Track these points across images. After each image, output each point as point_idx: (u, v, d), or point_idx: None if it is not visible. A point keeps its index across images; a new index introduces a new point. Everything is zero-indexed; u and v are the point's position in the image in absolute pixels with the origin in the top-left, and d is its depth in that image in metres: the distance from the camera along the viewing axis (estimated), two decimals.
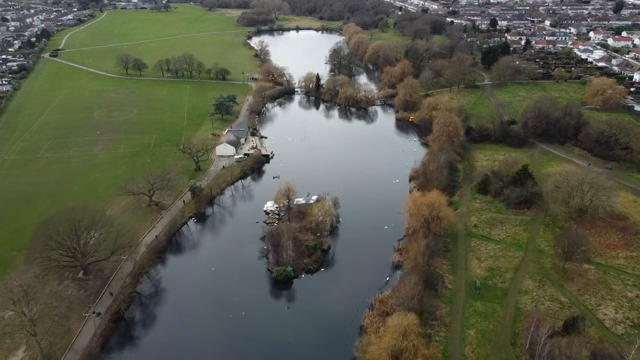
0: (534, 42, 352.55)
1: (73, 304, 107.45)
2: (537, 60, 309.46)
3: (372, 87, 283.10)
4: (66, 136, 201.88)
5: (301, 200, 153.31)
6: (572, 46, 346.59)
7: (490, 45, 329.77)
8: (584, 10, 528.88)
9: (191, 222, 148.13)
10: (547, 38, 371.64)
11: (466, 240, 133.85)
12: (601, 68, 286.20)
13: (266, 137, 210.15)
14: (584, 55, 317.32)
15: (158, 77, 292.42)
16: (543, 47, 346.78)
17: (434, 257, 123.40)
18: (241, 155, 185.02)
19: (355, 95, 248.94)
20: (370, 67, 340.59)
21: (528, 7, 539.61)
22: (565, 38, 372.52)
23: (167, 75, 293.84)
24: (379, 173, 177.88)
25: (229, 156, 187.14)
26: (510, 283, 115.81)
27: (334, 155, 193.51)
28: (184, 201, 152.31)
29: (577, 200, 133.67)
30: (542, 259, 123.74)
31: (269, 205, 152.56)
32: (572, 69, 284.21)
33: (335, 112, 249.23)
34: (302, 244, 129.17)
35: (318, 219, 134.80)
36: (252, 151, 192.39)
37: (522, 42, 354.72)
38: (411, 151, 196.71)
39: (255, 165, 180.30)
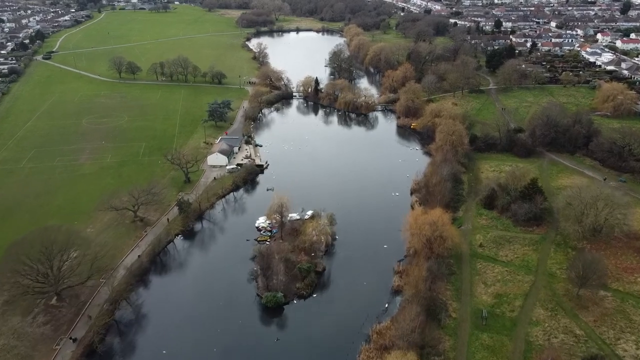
0: (539, 44, 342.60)
1: (43, 336, 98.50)
2: (544, 63, 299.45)
3: (373, 91, 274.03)
4: (52, 144, 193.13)
5: (295, 216, 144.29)
6: (579, 49, 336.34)
7: (495, 48, 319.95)
8: (590, 11, 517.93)
9: (178, 240, 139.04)
10: (553, 40, 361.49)
11: (471, 262, 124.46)
12: (610, 72, 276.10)
13: (261, 146, 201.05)
14: (592, 59, 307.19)
15: (152, 80, 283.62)
16: (549, 50, 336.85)
17: (436, 282, 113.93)
18: (234, 166, 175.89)
19: (355, 100, 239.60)
20: (372, 70, 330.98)
21: (533, 8, 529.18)
22: (572, 40, 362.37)
23: (162, 79, 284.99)
24: (379, 185, 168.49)
25: (221, 166, 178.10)
26: (519, 312, 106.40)
27: (332, 164, 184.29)
28: (167, 219, 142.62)
29: (590, 219, 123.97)
30: (554, 284, 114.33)
31: (261, 222, 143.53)
32: (580, 72, 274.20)
33: (334, 118, 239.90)
34: (295, 266, 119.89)
35: (312, 239, 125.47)
36: (245, 161, 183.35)
37: (528, 45, 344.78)
38: (413, 161, 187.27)
39: (248, 177, 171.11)
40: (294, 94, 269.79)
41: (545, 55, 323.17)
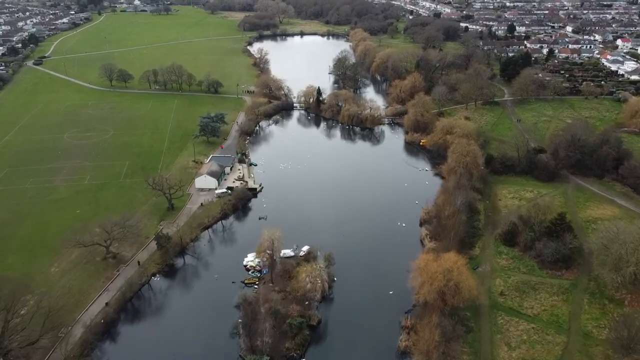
0: (556, 51, 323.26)
1: None
2: (562, 72, 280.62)
3: (379, 101, 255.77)
4: (27, 163, 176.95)
5: (289, 252, 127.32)
6: (599, 56, 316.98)
7: (510, 55, 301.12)
8: (607, 15, 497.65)
9: (154, 280, 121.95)
10: (570, 46, 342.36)
11: (491, 315, 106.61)
12: (635, 82, 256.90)
13: (256, 165, 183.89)
14: (613, 67, 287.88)
15: (144, 89, 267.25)
16: (567, 57, 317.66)
17: (450, 343, 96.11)
18: (223, 190, 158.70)
19: (360, 113, 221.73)
20: (378, 78, 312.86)
21: (547, 12, 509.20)
22: (590, 46, 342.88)
23: (155, 88, 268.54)
24: (384, 213, 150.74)
25: (209, 189, 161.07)
26: None
27: (333, 187, 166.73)
28: (138, 262, 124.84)
29: (632, 268, 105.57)
30: (591, 348, 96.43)
31: (250, 259, 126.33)
32: (602, 82, 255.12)
33: (336, 133, 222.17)
34: (285, 321, 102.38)
35: (306, 287, 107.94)
36: (237, 183, 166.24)
37: (544, 51, 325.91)
38: (421, 184, 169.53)
39: (239, 203, 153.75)
40: (295, 104, 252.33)
41: (563, 62, 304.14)
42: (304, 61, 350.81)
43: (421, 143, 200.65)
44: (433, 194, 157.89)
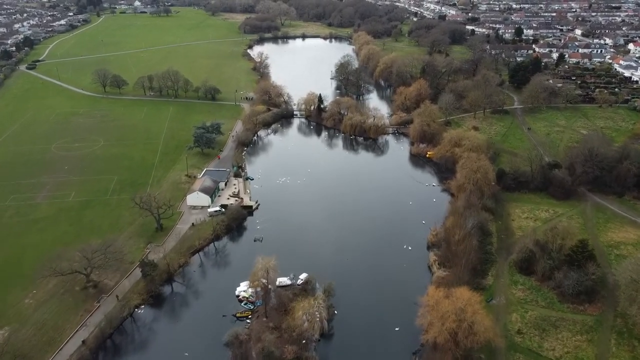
0: (566, 55, 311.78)
1: None
2: (573, 78, 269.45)
3: (383, 109, 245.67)
4: (9, 177, 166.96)
5: (285, 281, 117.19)
6: (611, 61, 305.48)
7: (519, 61, 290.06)
8: (616, 17, 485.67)
9: (138, 313, 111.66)
10: (580, 50, 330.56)
11: (508, 358, 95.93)
12: None
13: (252, 179, 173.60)
14: (626, 73, 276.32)
15: (139, 96, 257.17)
16: (578, 62, 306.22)
17: None
18: (217, 208, 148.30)
19: (363, 122, 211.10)
20: (382, 83, 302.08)
21: (555, 14, 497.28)
22: (601, 51, 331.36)
23: (150, 94, 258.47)
24: (389, 234, 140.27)
25: (202, 207, 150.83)
26: None
27: (333, 206, 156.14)
28: (117, 296, 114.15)
29: None
30: None
31: (243, 289, 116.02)
32: (617, 90, 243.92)
33: (338, 143, 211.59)
34: None
35: (303, 325, 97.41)
36: (231, 200, 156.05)
37: (554, 56, 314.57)
38: (428, 201, 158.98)
39: (233, 223, 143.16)
40: (295, 112, 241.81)
41: (574, 68, 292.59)
42: (305, 65, 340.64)
43: (427, 155, 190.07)
44: (441, 213, 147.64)
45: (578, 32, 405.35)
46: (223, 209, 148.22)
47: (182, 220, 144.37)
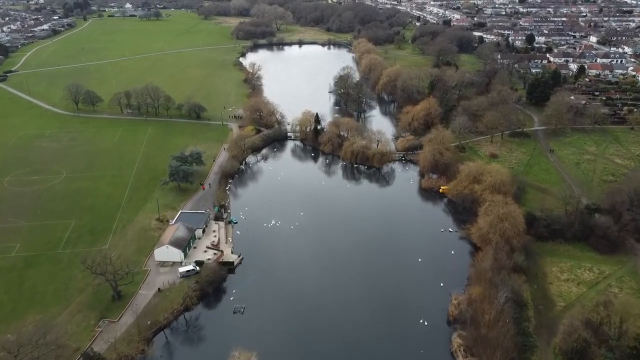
0: (585, 66, 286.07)
1: None
2: (597, 93, 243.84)
3: (387, 128, 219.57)
4: None
5: None
6: (634, 72, 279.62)
7: (536, 73, 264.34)
8: (630, 23, 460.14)
9: None
10: (599, 60, 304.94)
11: None
12: None
13: (236, 222, 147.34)
14: None
15: (116, 114, 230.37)
16: (598, 74, 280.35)
17: None
18: (190, 267, 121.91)
19: (366, 149, 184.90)
20: (385, 97, 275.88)
21: (565, 19, 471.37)
22: (622, 61, 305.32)
23: (127, 112, 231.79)
24: (400, 302, 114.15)
25: (173, 263, 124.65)
26: None
27: (332, 258, 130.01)
28: None
29: None
30: None
31: None
32: None
33: (337, 172, 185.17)
34: None
35: None
36: (210, 252, 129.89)
37: (571, 67, 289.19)
38: (446, 252, 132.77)
39: (209, 288, 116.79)
40: (289, 134, 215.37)
41: (596, 81, 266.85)
42: (301, 76, 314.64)
43: (441, 190, 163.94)
44: (462, 271, 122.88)
45: (593, 39, 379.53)
46: (197, 268, 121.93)
47: (146, 284, 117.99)
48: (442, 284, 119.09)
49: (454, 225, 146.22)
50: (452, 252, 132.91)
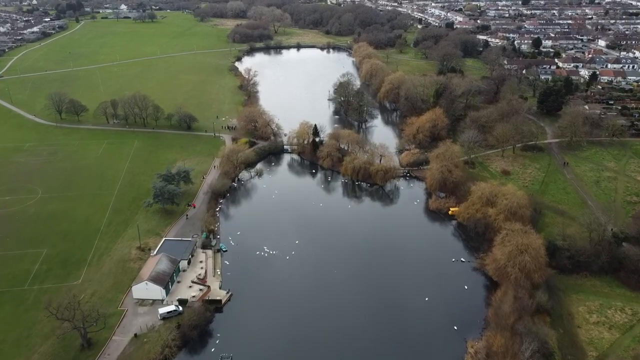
0: (597, 72, 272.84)
1: None
2: (611, 102, 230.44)
3: (390, 140, 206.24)
4: None
5: None
6: None
7: (546, 80, 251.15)
8: (638, 25, 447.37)
9: None
10: (610, 66, 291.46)
11: None
12: None
13: (225, 250, 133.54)
14: None
15: (101, 124, 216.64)
16: (610, 81, 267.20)
17: None
18: (171, 308, 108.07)
19: (368, 165, 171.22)
20: (387, 105, 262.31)
21: (571, 21, 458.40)
22: (634, 66, 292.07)
23: (114, 122, 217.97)
24: (409, 351, 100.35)
25: (153, 302, 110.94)
26: None
27: (333, 295, 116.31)
28: None
29: None
30: None
31: None
32: None
33: (337, 190, 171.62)
34: None
35: None
36: (195, 289, 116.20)
37: (581, 73, 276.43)
38: (459, 287, 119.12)
39: (193, 332, 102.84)
40: (286, 146, 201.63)
41: (609, 88, 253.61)
42: (299, 82, 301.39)
43: (450, 212, 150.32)
44: (478, 311, 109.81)
45: (602, 43, 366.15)
46: (180, 308, 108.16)
47: (121, 328, 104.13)
48: (455, 327, 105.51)
49: (466, 254, 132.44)
50: (466, 287, 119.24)
